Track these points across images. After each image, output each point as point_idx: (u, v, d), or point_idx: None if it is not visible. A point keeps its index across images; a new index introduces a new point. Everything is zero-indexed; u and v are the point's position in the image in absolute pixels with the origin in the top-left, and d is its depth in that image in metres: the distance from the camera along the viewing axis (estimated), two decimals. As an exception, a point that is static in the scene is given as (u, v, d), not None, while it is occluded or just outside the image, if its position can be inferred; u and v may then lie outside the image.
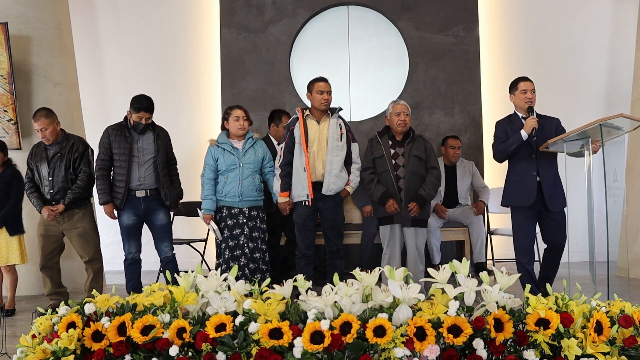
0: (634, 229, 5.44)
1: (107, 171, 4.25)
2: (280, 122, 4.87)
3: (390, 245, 4.13)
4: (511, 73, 6.39)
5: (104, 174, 4.23)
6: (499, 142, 4.04)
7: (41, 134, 4.28)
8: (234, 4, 6.03)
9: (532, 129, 3.84)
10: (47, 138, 4.29)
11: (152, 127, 4.29)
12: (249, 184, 4.11)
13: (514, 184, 4.00)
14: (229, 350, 2.03)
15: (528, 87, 4.04)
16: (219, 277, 2.30)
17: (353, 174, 4.17)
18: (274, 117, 4.97)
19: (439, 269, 2.21)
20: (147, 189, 4.20)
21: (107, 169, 4.25)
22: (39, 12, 5.24)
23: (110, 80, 6.49)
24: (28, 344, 2.22)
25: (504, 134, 4.04)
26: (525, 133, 3.87)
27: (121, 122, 4.27)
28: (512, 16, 6.41)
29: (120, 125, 4.26)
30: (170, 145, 4.38)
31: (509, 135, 4.00)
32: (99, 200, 4.24)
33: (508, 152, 3.98)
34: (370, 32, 6.15)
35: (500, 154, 4.04)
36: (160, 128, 4.35)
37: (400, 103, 4.19)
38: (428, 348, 1.97)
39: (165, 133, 4.37)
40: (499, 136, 4.07)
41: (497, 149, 4.05)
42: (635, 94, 5.62)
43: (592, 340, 2.03)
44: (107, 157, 4.22)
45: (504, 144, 3.99)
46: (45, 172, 4.32)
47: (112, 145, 4.20)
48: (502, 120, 4.18)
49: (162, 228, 4.29)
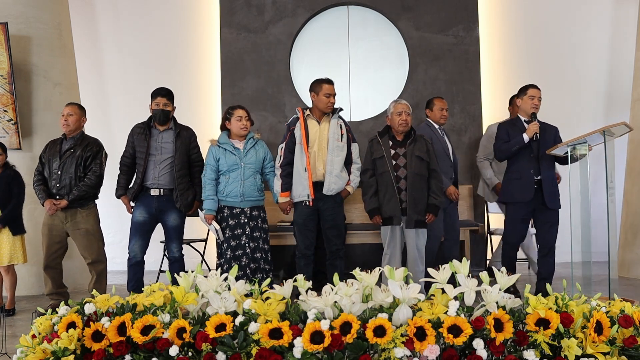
0: (634, 229, 5.44)
1: (127, 167, 4.30)
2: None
3: (390, 245, 4.13)
4: (511, 73, 6.43)
5: (124, 170, 4.32)
6: (502, 142, 4.36)
7: (64, 119, 4.37)
8: (234, 4, 6.03)
9: (534, 133, 4.20)
10: (68, 124, 4.36)
11: (174, 126, 4.29)
12: (250, 184, 4.11)
13: (514, 181, 4.31)
14: (229, 350, 2.03)
15: (536, 94, 4.36)
16: (219, 277, 2.30)
17: (353, 174, 4.18)
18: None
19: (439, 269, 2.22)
20: (162, 188, 4.21)
21: (128, 165, 4.30)
22: (39, 12, 5.24)
23: (110, 80, 6.49)
24: (28, 344, 2.22)
25: (506, 135, 4.36)
26: (527, 136, 4.22)
27: (146, 121, 4.32)
28: (512, 16, 6.41)
29: (145, 123, 4.32)
30: (194, 146, 4.34)
31: (511, 137, 4.31)
32: (115, 192, 4.32)
33: (510, 152, 4.29)
34: (370, 32, 6.15)
35: (503, 153, 4.35)
36: (183, 127, 4.33)
37: (402, 103, 4.18)
38: (428, 348, 1.97)
39: (189, 133, 4.34)
40: (502, 137, 4.38)
41: (500, 149, 4.36)
42: (635, 94, 5.62)
43: (592, 340, 2.03)
44: (129, 154, 4.29)
45: (507, 145, 4.30)
46: (55, 165, 4.35)
47: (134, 142, 4.27)
48: (505, 122, 4.59)
49: (172, 229, 4.30)
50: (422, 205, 4.05)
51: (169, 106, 4.25)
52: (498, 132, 4.46)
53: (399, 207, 4.02)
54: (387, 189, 4.05)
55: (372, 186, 4.12)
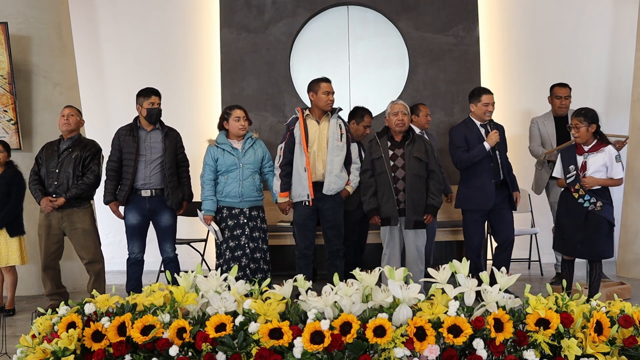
0: (634, 229, 5.44)
1: (115, 172, 4.27)
2: (362, 120, 4.76)
3: (390, 245, 4.12)
4: (511, 73, 6.43)
5: (112, 175, 4.27)
6: (462, 151, 4.34)
7: (64, 119, 4.40)
8: (234, 4, 6.03)
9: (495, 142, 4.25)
10: (69, 123, 4.40)
11: (161, 126, 4.30)
12: (249, 184, 4.11)
13: (475, 190, 4.33)
14: (229, 350, 2.04)
15: (489, 100, 4.33)
16: (219, 277, 2.30)
17: (353, 174, 4.18)
18: (355, 114, 4.85)
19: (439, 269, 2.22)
20: (153, 188, 4.20)
21: (116, 170, 4.26)
22: (39, 12, 5.24)
23: (110, 80, 6.48)
24: (28, 344, 2.22)
25: (463, 142, 4.35)
26: (488, 145, 4.25)
27: (131, 123, 4.31)
28: (512, 16, 6.41)
29: (129, 125, 4.30)
30: (180, 147, 4.37)
31: (469, 143, 4.32)
32: (104, 199, 4.26)
33: (472, 162, 4.30)
34: (370, 32, 6.15)
35: (464, 162, 4.34)
36: (170, 128, 4.35)
37: (399, 103, 4.18)
38: (428, 348, 1.97)
39: (175, 133, 4.36)
40: (459, 144, 4.36)
41: (461, 158, 4.35)
42: (635, 94, 5.62)
43: (592, 340, 2.04)
44: (116, 157, 4.26)
45: (468, 155, 4.30)
46: (53, 165, 4.35)
47: (121, 145, 4.24)
48: (459, 126, 4.50)
49: (165, 229, 4.29)
50: (420, 206, 4.04)
51: (160, 105, 4.28)
52: (452, 136, 4.44)
53: (396, 207, 4.02)
54: (384, 189, 4.05)
55: (371, 186, 4.11)
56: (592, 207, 3.75)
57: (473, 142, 4.32)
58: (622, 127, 5.79)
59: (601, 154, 3.79)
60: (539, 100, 5.59)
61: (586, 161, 3.80)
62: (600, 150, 3.79)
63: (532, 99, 6.05)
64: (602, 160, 3.77)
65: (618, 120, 6.07)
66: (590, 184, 3.76)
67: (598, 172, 3.77)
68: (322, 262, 4.54)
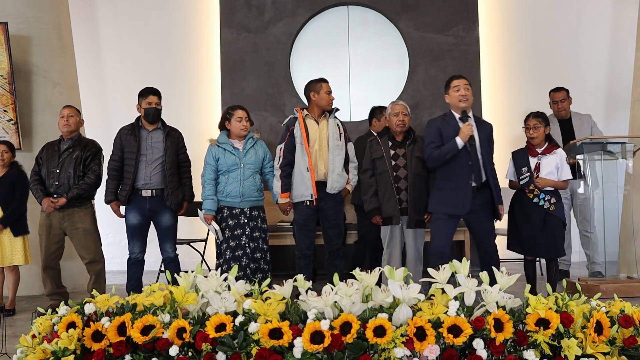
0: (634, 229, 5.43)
1: (117, 172, 4.26)
2: (382, 116, 4.84)
3: (390, 245, 4.13)
4: (511, 73, 6.43)
5: (113, 175, 4.27)
6: (433, 147, 3.76)
7: (64, 120, 4.40)
8: (234, 4, 6.04)
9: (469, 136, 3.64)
10: (69, 124, 4.40)
11: (162, 126, 4.30)
12: (250, 184, 4.11)
13: (449, 192, 3.75)
14: (229, 350, 2.03)
15: (460, 83, 3.77)
16: (218, 277, 2.30)
17: (351, 173, 4.20)
18: (374, 113, 4.99)
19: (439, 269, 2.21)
20: (154, 188, 4.20)
21: (117, 170, 4.26)
22: (39, 12, 5.24)
23: (110, 80, 6.49)
24: (28, 344, 2.22)
25: (437, 137, 3.77)
26: (461, 141, 3.66)
27: (133, 123, 4.31)
28: (512, 16, 6.41)
29: (131, 125, 4.31)
30: (182, 147, 4.37)
31: (443, 138, 3.75)
32: (105, 198, 4.26)
33: (443, 160, 3.74)
34: (370, 32, 6.15)
35: (435, 161, 3.78)
36: (172, 128, 4.35)
37: (399, 103, 4.18)
38: (428, 348, 1.97)
39: (177, 134, 4.36)
40: (432, 140, 3.78)
41: (431, 155, 3.77)
42: (635, 94, 5.62)
43: (592, 340, 2.03)
44: (118, 157, 4.26)
45: (439, 152, 3.73)
46: (54, 165, 4.35)
47: (123, 144, 4.24)
48: (436, 120, 3.91)
49: (165, 229, 4.29)
50: (422, 205, 4.05)
51: (159, 105, 4.28)
52: (425, 131, 3.87)
53: (397, 207, 4.02)
54: (386, 189, 4.06)
55: (372, 186, 4.12)
56: (548, 205, 3.94)
57: (449, 138, 3.72)
58: (622, 127, 5.79)
59: (553, 155, 3.99)
60: (539, 101, 5.59)
61: (540, 162, 3.99)
62: (552, 152, 4.01)
63: (532, 99, 6.04)
64: (554, 162, 3.98)
65: (618, 120, 6.08)
66: (543, 184, 3.94)
67: (551, 174, 3.97)
68: (322, 262, 4.55)
